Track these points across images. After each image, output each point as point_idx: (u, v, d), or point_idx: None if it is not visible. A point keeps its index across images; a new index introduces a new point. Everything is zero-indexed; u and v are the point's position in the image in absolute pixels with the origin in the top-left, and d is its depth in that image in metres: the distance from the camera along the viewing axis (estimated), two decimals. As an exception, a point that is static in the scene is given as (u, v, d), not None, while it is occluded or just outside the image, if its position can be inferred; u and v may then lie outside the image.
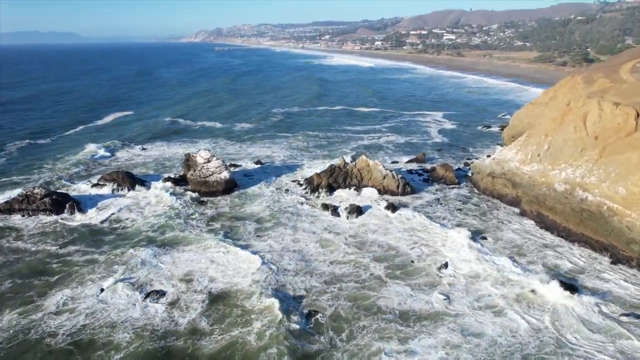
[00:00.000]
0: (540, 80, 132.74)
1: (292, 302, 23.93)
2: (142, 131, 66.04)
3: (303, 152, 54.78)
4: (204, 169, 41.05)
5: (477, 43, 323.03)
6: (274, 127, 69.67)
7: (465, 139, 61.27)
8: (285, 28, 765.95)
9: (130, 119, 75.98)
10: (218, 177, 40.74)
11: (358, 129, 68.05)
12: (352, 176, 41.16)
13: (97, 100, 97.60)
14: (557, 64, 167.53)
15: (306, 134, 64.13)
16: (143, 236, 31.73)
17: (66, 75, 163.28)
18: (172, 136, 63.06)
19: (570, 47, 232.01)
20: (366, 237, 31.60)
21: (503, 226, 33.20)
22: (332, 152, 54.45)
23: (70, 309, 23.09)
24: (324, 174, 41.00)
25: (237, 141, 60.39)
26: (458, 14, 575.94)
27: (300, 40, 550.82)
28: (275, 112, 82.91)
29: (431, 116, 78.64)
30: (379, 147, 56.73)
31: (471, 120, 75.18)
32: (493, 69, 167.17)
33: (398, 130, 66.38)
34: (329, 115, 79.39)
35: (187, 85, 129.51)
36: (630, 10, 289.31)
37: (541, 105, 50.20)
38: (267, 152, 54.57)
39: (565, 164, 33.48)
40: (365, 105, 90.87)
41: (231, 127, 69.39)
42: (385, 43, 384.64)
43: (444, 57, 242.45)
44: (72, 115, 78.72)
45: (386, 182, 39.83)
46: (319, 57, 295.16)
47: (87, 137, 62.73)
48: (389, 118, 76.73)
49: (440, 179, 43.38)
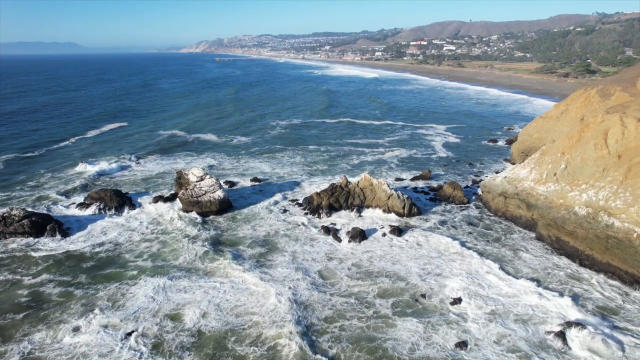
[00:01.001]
0: (544, 91, 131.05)
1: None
2: (138, 145, 63.69)
3: (303, 167, 52.27)
4: (196, 187, 38.50)
5: (478, 54, 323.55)
6: (274, 140, 67.32)
7: (471, 154, 58.85)
8: (286, 39, 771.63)
9: (127, 132, 73.61)
10: (211, 197, 38.18)
11: (360, 142, 65.68)
12: (355, 196, 38.58)
13: (94, 112, 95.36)
14: (559, 75, 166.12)
15: (306, 148, 61.72)
16: (128, 264, 29.06)
17: (66, 86, 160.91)
18: (169, 150, 60.65)
19: (571, 58, 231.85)
20: (371, 266, 28.89)
21: (520, 253, 30.49)
22: (333, 168, 52.02)
23: (37, 358, 20.29)
24: (325, 193, 38.43)
25: (235, 156, 57.94)
26: (457, 25, 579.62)
27: (301, 51, 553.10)
28: (275, 124, 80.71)
29: (434, 129, 76.37)
30: (382, 162, 54.23)
31: (476, 133, 72.89)
32: (495, 80, 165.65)
33: (402, 144, 63.98)
34: (330, 128, 77.13)
35: (188, 97, 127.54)
36: (629, 22, 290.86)
37: (552, 119, 47.86)
38: (265, 168, 52.09)
39: (586, 185, 30.92)
40: (368, 117, 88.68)
41: (229, 141, 67.02)
42: (385, 54, 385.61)
43: (445, 68, 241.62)
44: (66, 128, 76.45)
45: (391, 203, 37.24)
46: (321, 67, 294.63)
47: (79, 150, 60.37)
48: (392, 131, 74.41)
49: (448, 198, 40.81)
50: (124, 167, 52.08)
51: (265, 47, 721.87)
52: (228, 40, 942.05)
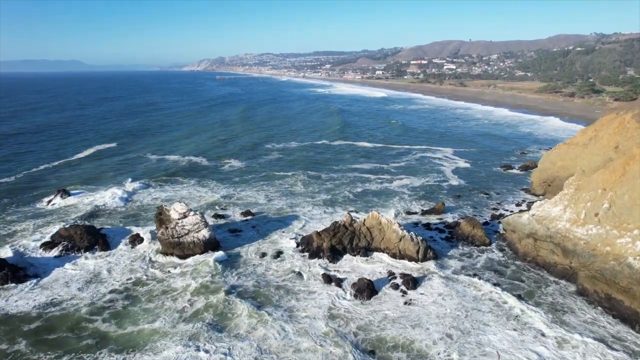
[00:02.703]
0: (552, 111, 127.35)
1: None
2: (124, 170, 59.00)
3: (305, 198, 47.22)
4: (178, 226, 33.48)
5: (478, 73, 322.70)
6: (271, 165, 62.66)
7: (485, 182, 53.97)
8: (287, 57, 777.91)
9: (118, 156, 68.68)
10: (195, 237, 33.15)
11: (365, 167, 60.92)
12: (361, 236, 33.53)
13: (88, 133, 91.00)
14: (565, 95, 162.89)
15: (307, 173, 56.95)
16: (87, 330, 23.79)
17: (67, 105, 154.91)
18: (160, 177, 55.55)
19: (572, 77, 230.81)
20: (383, 332, 23.61)
21: (564, 316, 25.16)
22: (335, 196, 47.08)
23: None
24: (326, 233, 33.38)
25: (228, 183, 53.07)
26: (457, 45, 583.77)
27: (301, 70, 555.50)
28: (270, 147, 76.29)
29: (442, 152, 71.76)
30: (390, 192, 49.21)
31: (486, 158, 68.19)
32: (500, 100, 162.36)
33: (410, 171, 59.13)
34: (330, 152, 72.55)
35: (191, 117, 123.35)
36: (629, 42, 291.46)
37: (579, 146, 43.18)
38: (260, 198, 47.15)
39: (639, 231, 25.91)
40: (386, 140, 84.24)
41: (220, 166, 62.31)
42: (386, 72, 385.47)
43: (447, 87, 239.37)
44: (53, 150, 72.01)
45: (403, 246, 32.16)
46: (324, 86, 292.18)
47: (58, 176, 55.72)
48: (399, 155, 69.77)
49: (467, 237, 35.72)
50: (107, 197, 46.97)
51: (266, 65, 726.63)
52: (230, 58, 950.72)
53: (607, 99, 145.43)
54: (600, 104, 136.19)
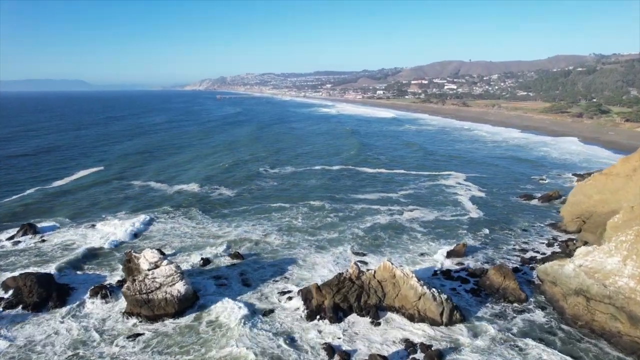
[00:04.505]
0: (562, 132, 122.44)
1: None
2: (112, 201, 52.87)
3: (303, 235, 41.23)
4: (147, 278, 27.48)
5: (480, 93, 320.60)
6: (268, 194, 56.97)
7: (505, 215, 48.00)
8: (288, 77, 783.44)
9: (103, 182, 62.69)
10: (168, 293, 27.10)
11: (371, 197, 55.07)
12: (370, 292, 27.46)
13: (78, 158, 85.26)
14: (572, 115, 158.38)
15: (309, 204, 51.09)
16: None
17: (65, 127, 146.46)
18: (139, 206, 50.06)
19: (576, 97, 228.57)
20: None
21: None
22: (343, 235, 41.04)
23: None
24: (328, 288, 27.33)
25: (218, 216, 47.18)
26: (457, 65, 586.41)
27: (302, 89, 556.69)
28: (263, 171, 70.78)
29: (454, 178, 66.05)
30: (401, 228, 43.18)
31: (501, 185, 62.41)
32: (506, 120, 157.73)
33: (421, 201, 53.22)
34: (329, 176, 66.90)
35: (190, 139, 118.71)
36: (630, 63, 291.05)
37: (620, 177, 37.49)
38: (253, 234, 41.17)
39: None
40: (393, 164, 78.80)
41: (210, 193, 56.58)
42: (387, 92, 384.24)
43: (449, 107, 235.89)
44: (37, 175, 66.35)
45: (423, 305, 26.06)
46: (327, 105, 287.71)
47: (34, 207, 49.89)
48: (406, 182, 64.10)
49: (497, 290, 29.64)
50: (81, 235, 41.06)
51: (268, 85, 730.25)
52: (231, 78, 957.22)
53: (618, 119, 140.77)
54: (612, 125, 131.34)
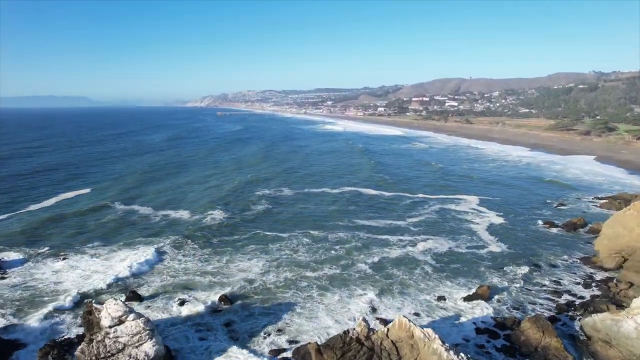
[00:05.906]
0: (571, 150, 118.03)
1: None
2: (77, 226, 48.24)
3: (301, 271, 36.18)
4: (108, 338, 22.31)
5: (482, 110, 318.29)
6: (271, 222, 52.00)
7: (529, 247, 42.91)
8: (289, 94, 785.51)
9: (80, 208, 58.04)
10: (133, 357, 21.90)
11: (380, 225, 50.08)
12: (383, 356, 22.25)
13: (60, 179, 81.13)
14: (579, 133, 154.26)
15: (309, 234, 46.05)
16: None
17: (72, 143, 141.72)
18: (116, 235, 45.13)
19: (579, 114, 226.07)
20: None
21: None
22: (348, 272, 35.95)
23: None
24: (331, 352, 22.14)
25: (207, 247, 42.10)
26: (458, 82, 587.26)
27: (303, 106, 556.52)
28: (259, 195, 65.94)
29: (467, 203, 61.07)
30: (414, 262, 38.08)
31: (517, 210, 57.33)
32: (512, 138, 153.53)
33: (434, 229, 48.11)
34: (327, 200, 62.03)
35: (195, 161, 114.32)
36: (631, 80, 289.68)
37: (666, 209, 32.56)
38: (247, 272, 35.93)
39: None
40: (390, 186, 74.03)
41: (201, 219, 51.61)
42: (388, 109, 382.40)
43: (452, 124, 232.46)
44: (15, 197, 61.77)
45: (450, 377, 20.82)
46: (330, 122, 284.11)
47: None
48: (415, 206, 59.19)
49: (535, 350, 24.40)
50: (36, 270, 36.08)
51: (269, 101, 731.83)
52: (233, 94, 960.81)
53: (628, 137, 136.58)
54: (623, 143, 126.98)
